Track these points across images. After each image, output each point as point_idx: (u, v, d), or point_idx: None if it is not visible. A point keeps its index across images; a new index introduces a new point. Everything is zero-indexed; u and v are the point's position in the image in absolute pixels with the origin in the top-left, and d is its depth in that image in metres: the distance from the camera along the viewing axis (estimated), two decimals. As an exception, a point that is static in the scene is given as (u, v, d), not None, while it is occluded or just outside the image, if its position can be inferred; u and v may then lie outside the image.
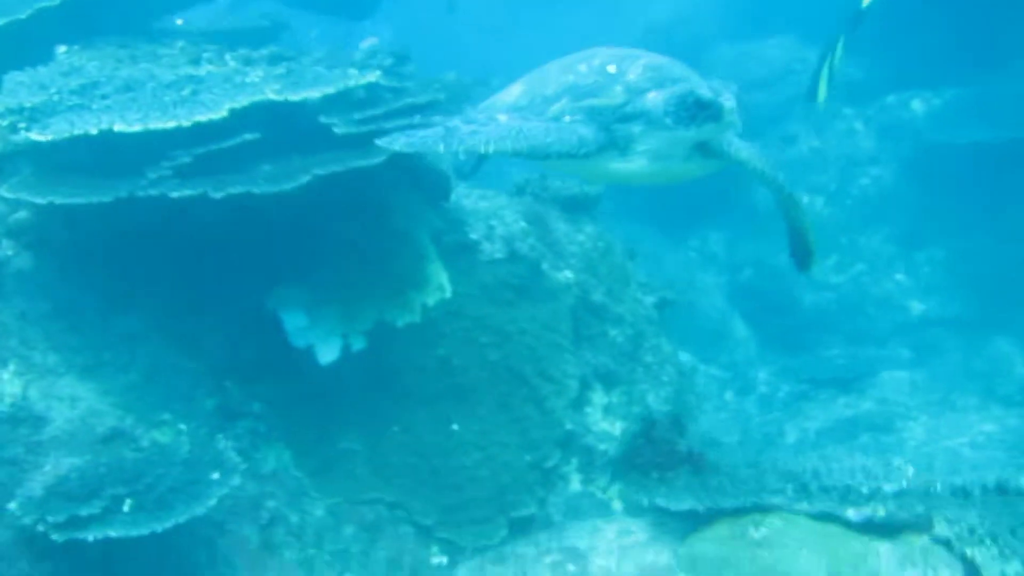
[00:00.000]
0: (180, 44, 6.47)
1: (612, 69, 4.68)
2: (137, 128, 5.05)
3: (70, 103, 5.36)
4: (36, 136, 5.06)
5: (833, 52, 9.59)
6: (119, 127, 5.05)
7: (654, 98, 4.51)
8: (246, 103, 5.29)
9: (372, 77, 5.73)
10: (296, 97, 5.45)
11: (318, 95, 5.51)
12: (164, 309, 5.63)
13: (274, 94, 5.40)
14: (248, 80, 5.61)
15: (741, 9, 14.86)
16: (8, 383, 5.15)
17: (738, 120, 4.51)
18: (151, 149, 5.19)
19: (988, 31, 11.99)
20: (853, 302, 12.28)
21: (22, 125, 5.19)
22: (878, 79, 13.23)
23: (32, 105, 5.31)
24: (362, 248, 5.90)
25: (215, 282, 5.68)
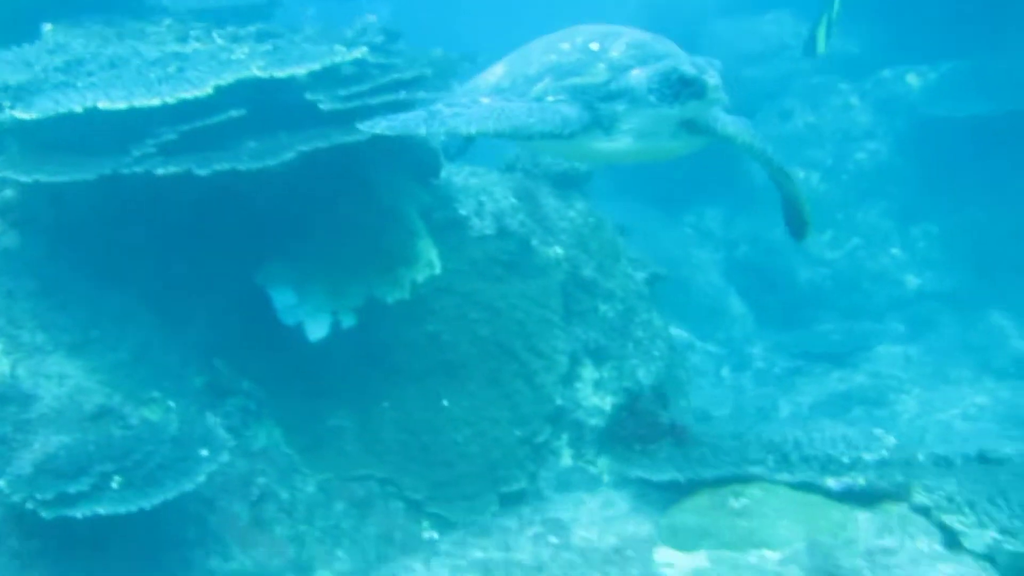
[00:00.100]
0: (167, 22, 6.46)
1: (595, 47, 4.62)
2: (122, 105, 5.04)
3: (55, 81, 5.36)
4: (20, 114, 5.05)
5: (831, 5, 9.57)
6: (104, 104, 5.04)
7: (638, 75, 4.45)
8: (231, 80, 5.27)
9: (358, 53, 5.70)
10: (282, 74, 5.43)
11: (304, 72, 5.48)
12: (153, 287, 5.63)
13: (259, 71, 5.39)
14: (234, 57, 5.59)
15: (737, -16, 14.80)
16: (-4, 362, 5.17)
17: (724, 96, 4.46)
18: (136, 127, 5.18)
19: (984, 4, 11.94)
20: (849, 277, 12.28)
21: (7, 103, 5.18)
22: (874, 53, 13.20)
23: (17, 83, 5.31)
24: (351, 225, 5.89)
25: (204, 259, 5.68)
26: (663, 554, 4.67)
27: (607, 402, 6.31)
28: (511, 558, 4.75)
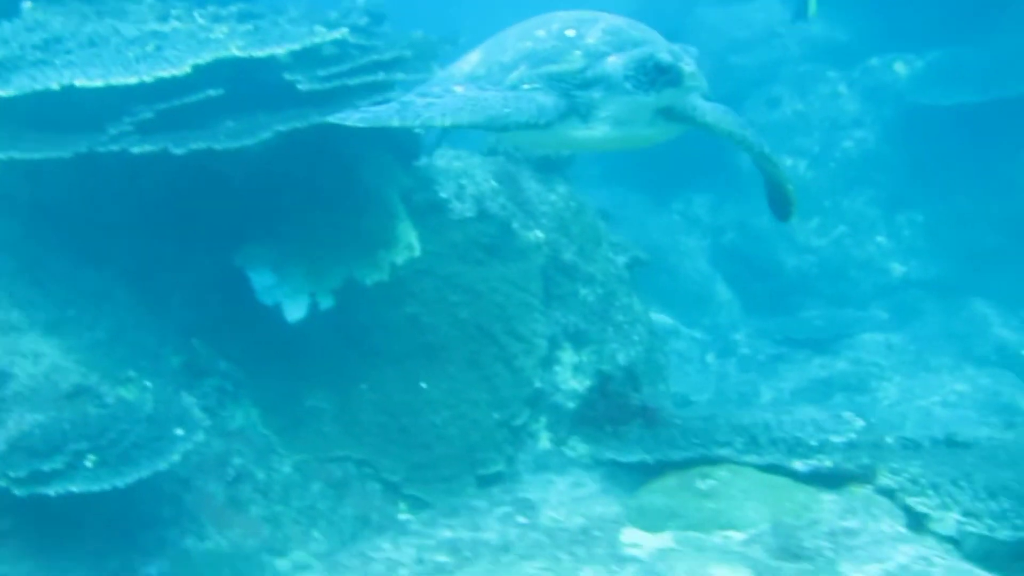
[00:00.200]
0: (148, 0, 6.41)
1: (571, 33, 4.56)
2: (98, 83, 5.04)
3: (33, 58, 5.33)
4: (-3, 91, 5.03)
5: None
6: (80, 82, 5.03)
7: (614, 62, 4.41)
8: (210, 59, 5.27)
9: (339, 34, 5.69)
10: (261, 54, 5.42)
11: (283, 52, 5.48)
12: (131, 266, 5.63)
13: (238, 50, 5.38)
14: (213, 36, 5.58)
15: (725, -29, 14.77)
16: (-29, 340, 5.15)
17: (702, 83, 4.44)
18: (113, 105, 5.17)
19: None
20: (835, 265, 12.31)
21: (-16, 81, 5.16)
22: (863, 41, 13.19)
23: (-5, 60, 5.29)
24: (330, 206, 5.89)
25: (183, 239, 5.68)
26: (630, 534, 4.69)
27: (586, 386, 6.31)
28: (478, 537, 4.77)
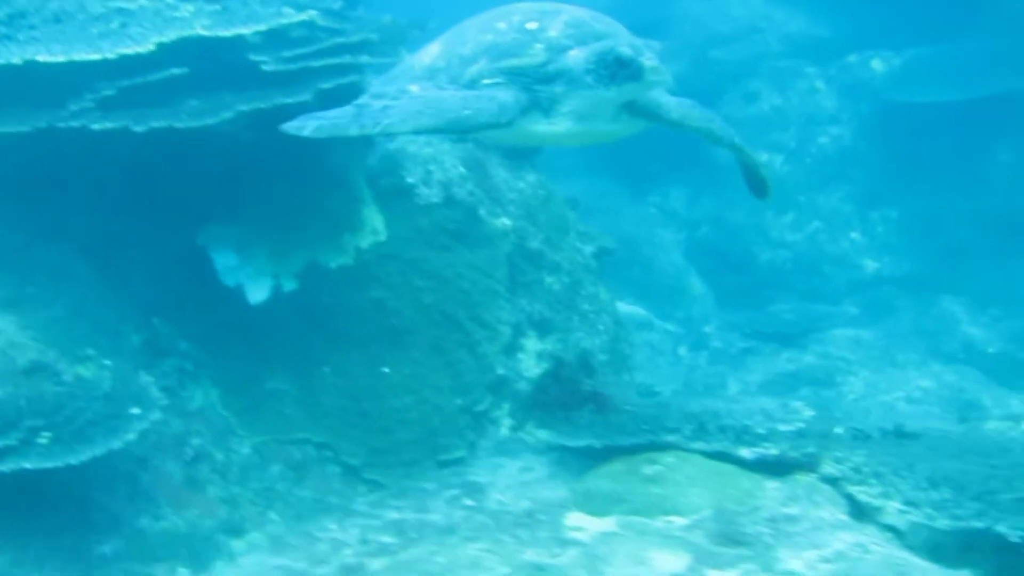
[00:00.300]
0: (117, -23, 6.38)
1: (532, 26, 4.49)
2: (61, 59, 5.01)
3: (-4, 33, 5.30)
4: (-43, 65, 5.00)
5: None
6: (43, 58, 5.01)
7: (576, 56, 4.35)
8: (174, 37, 5.25)
9: (306, 16, 5.68)
10: (227, 33, 5.40)
11: (249, 32, 5.46)
12: (92, 244, 5.59)
13: (204, 30, 5.36)
14: (179, 15, 5.55)
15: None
16: (-74, 315, 5.12)
17: (666, 77, 4.39)
18: (76, 82, 5.14)
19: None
20: (809, 260, 12.37)
21: (-55, 55, 5.13)
22: (841, 38, 13.24)
23: (-43, 35, 5.25)
24: (295, 189, 5.87)
25: (146, 217, 5.65)
26: (574, 518, 4.71)
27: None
28: (424, 519, 4.78)
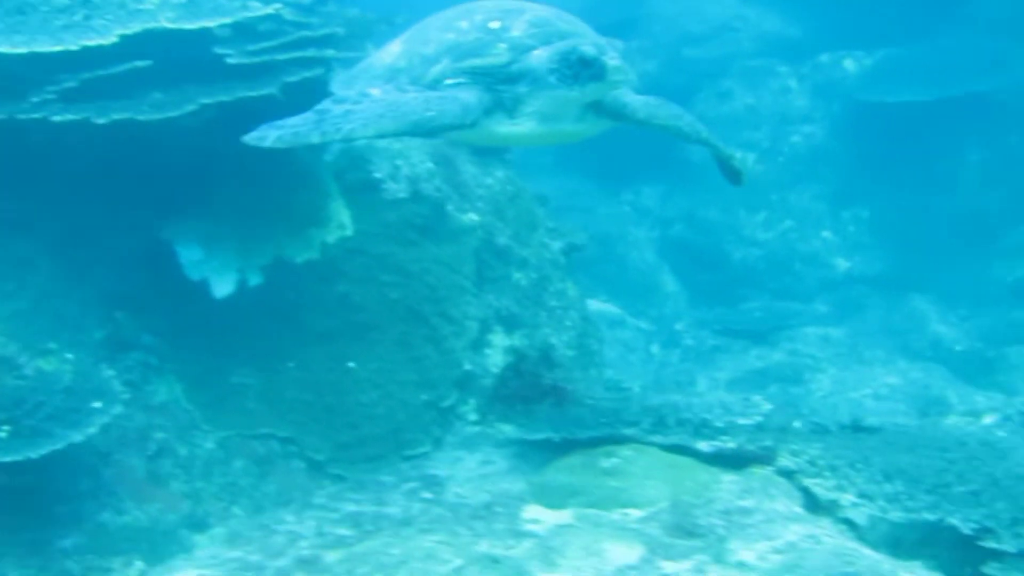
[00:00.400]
0: (83, -30, 6.34)
1: (495, 25, 4.49)
2: (22, 51, 4.97)
3: (-44, 24, 5.26)
4: (-83, 56, 4.96)
5: None
6: (3, 49, 4.96)
7: (539, 56, 4.34)
8: (138, 30, 5.22)
9: (271, 9, 5.66)
10: (191, 26, 5.37)
11: (214, 25, 5.44)
12: (55, 237, 5.56)
13: (168, 22, 5.33)
14: (143, 7, 5.51)
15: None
16: None
17: (631, 76, 4.40)
18: (38, 74, 5.11)
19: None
20: (780, 258, 12.45)
21: (-95, 46, 5.08)
22: (814, 38, 13.33)
23: (-83, 26, 5.20)
24: (261, 183, 5.85)
25: (110, 211, 5.62)
26: (531, 511, 4.71)
27: (513, 368, 6.33)
28: (382, 512, 4.78)
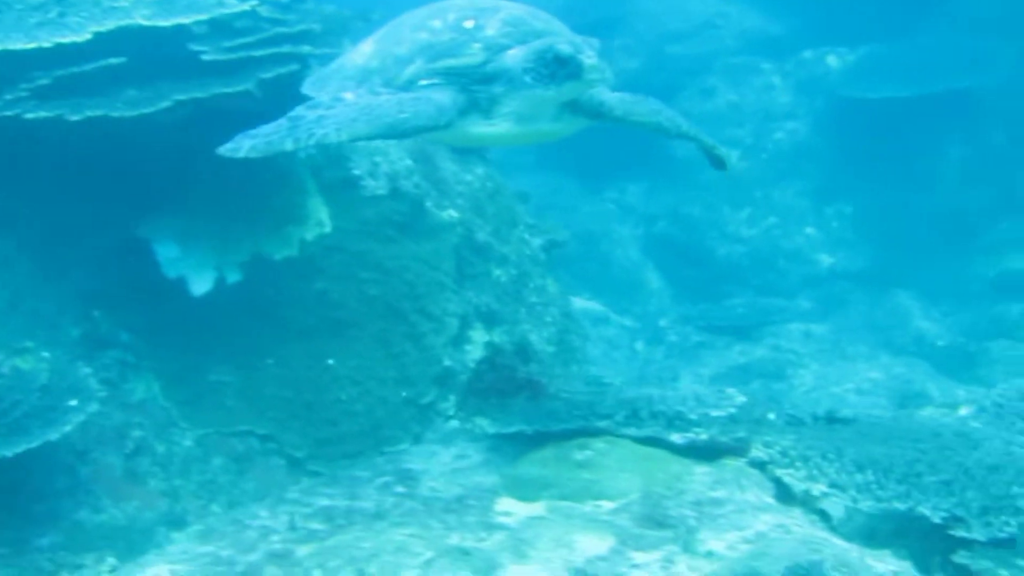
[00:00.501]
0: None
1: (469, 24, 4.44)
2: (-5, 48, 4.96)
3: (-71, 22, 5.24)
4: None
5: None
6: (-23, 47, 4.95)
7: (514, 55, 4.30)
8: (113, 27, 5.21)
9: (247, 6, 5.65)
10: (167, 23, 5.36)
11: (190, 22, 5.43)
12: (31, 235, 5.54)
13: (143, 19, 5.32)
14: (118, 4, 5.51)
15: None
16: None
17: (608, 74, 4.37)
18: (12, 71, 5.09)
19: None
20: (764, 255, 12.47)
21: None
22: (797, 35, 13.36)
23: None
24: (238, 180, 5.81)
25: (86, 209, 5.60)
26: (504, 503, 4.72)
27: (493, 364, 6.33)
28: (354, 506, 4.77)
